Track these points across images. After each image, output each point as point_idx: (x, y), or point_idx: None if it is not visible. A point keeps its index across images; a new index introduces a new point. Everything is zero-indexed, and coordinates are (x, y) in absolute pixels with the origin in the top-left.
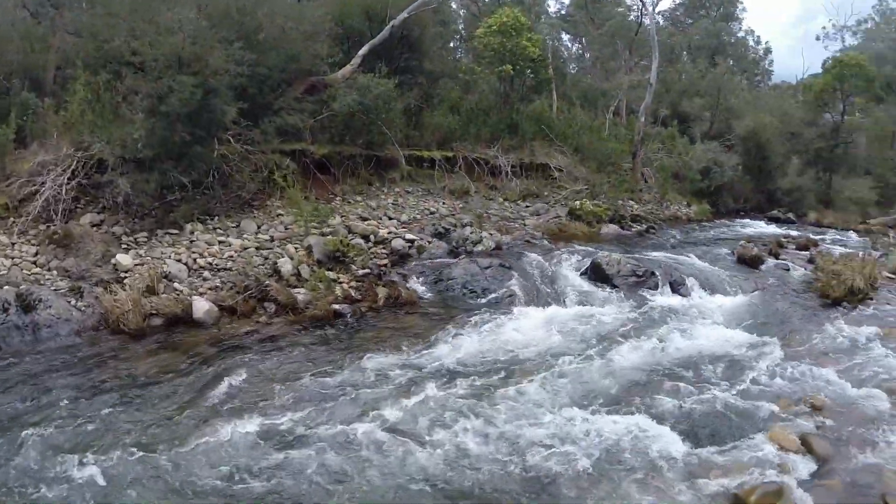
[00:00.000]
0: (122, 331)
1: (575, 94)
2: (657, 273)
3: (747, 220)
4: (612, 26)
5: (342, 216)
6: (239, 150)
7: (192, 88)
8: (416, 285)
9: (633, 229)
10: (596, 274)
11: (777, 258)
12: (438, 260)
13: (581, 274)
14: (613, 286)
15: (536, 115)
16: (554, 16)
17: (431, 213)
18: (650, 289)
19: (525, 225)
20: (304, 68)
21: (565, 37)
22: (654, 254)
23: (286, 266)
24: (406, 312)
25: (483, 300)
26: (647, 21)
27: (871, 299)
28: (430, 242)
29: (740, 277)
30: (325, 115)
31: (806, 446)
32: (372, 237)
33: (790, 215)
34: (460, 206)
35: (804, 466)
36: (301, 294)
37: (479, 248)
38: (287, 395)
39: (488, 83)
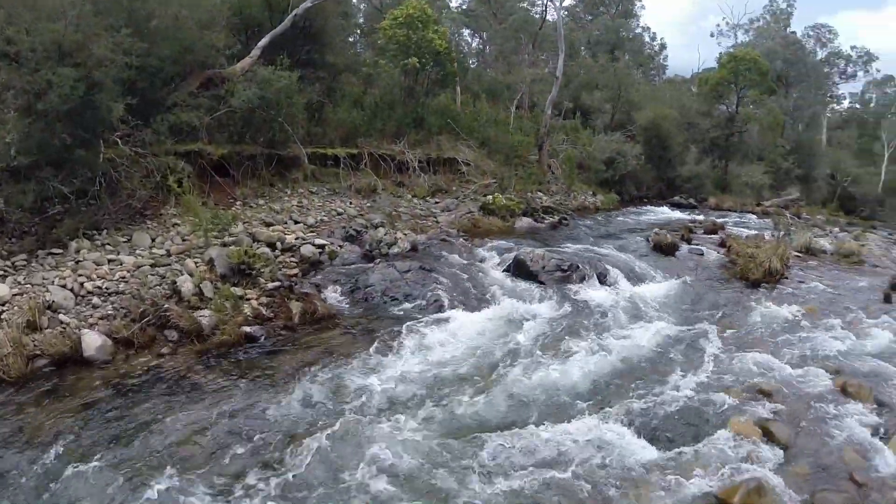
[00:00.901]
0: (2, 379)
1: (479, 87)
2: (582, 266)
3: (651, 207)
4: (515, 21)
5: (245, 222)
6: (128, 152)
7: (74, 82)
8: (333, 296)
9: (545, 221)
10: (520, 270)
11: (690, 243)
12: (353, 265)
13: (504, 271)
14: (540, 282)
15: (442, 109)
16: (455, 10)
17: (339, 214)
18: (577, 282)
19: (438, 222)
20: (199, 60)
21: (466, 32)
22: (573, 246)
23: (186, 285)
24: (325, 329)
25: (407, 307)
26: (552, 16)
27: (787, 278)
28: (341, 247)
29: (660, 265)
30: (222, 111)
31: (767, 434)
32: (279, 244)
33: (691, 201)
34: (368, 205)
35: (771, 454)
36: (206, 317)
37: (395, 249)
38: (193, 448)
39: (392, 77)
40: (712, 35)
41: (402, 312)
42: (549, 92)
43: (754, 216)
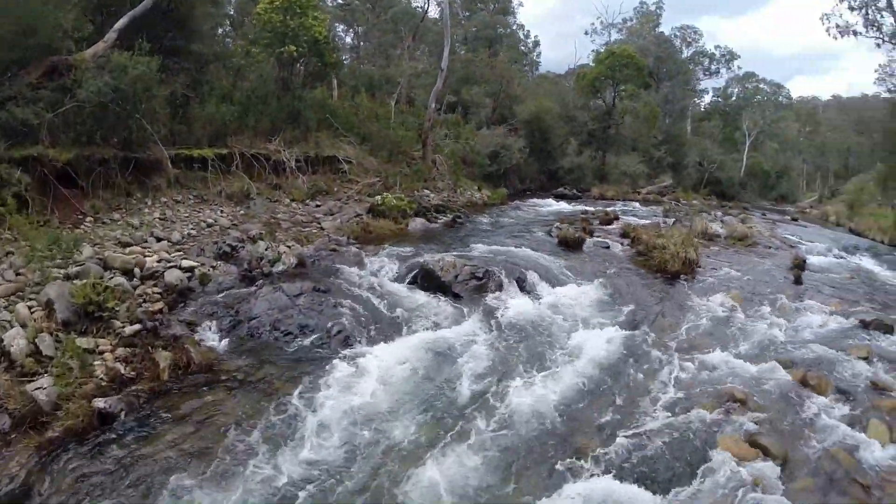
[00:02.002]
0: None
1: (358, 81)
2: (497, 272)
3: (537, 200)
4: (396, 13)
5: (96, 244)
6: None
7: None
8: (210, 336)
9: (439, 221)
10: (429, 282)
11: (592, 236)
12: (231, 291)
13: (410, 284)
14: (454, 295)
15: (320, 104)
16: (330, 4)
17: (209, 225)
18: (495, 292)
19: (323, 228)
20: (42, 44)
21: (340, 28)
22: (478, 247)
23: (18, 342)
24: (203, 386)
25: (305, 344)
26: (434, 10)
27: (700, 267)
28: (214, 268)
29: (573, 263)
30: (69, 105)
31: (762, 450)
32: (137, 271)
33: (575, 191)
34: (242, 212)
35: (772, 473)
36: (44, 389)
37: (280, 267)
38: None
39: (265, 68)
40: (587, 33)
41: (299, 351)
42: (430, 86)
43: (637, 204)
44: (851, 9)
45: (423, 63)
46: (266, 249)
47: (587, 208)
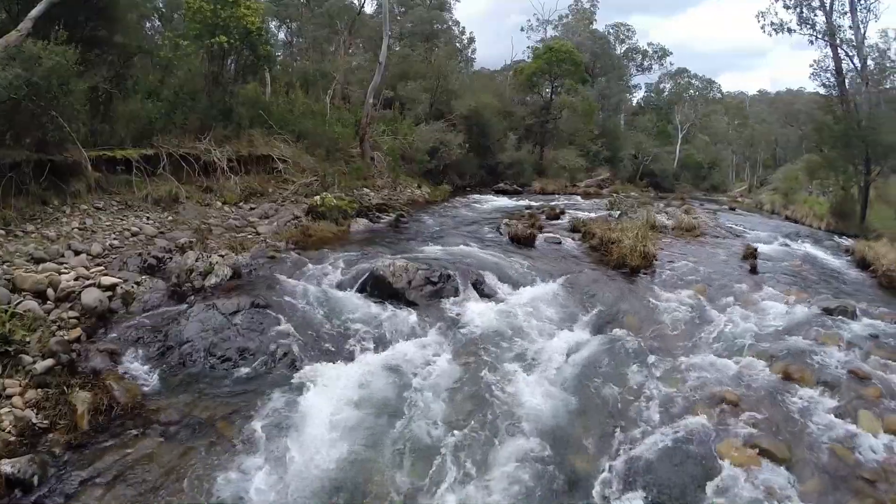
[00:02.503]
0: None
1: (294, 76)
2: (453, 275)
3: (479, 196)
4: (330, 7)
5: (5, 262)
6: None
7: None
8: (135, 368)
9: (382, 221)
10: (380, 290)
11: (541, 231)
12: (159, 311)
13: (359, 292)
14: (409, 303)
15: (253, 100)
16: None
17: (134, 234)
18: (452, 297)
19: (259, 234)
20: None
21: (273, 24)
22: (427, 248)
23: None
24: (131, 432)
25: (245, 371)
26: (369, 5)
27: (658, 260)
28: (139, 283)
29: (528, 261)
30: None
31: (764, 453)
32: (51, 292)
33: (516, 186)
34: (170, 218)
35: (781, 478)
36: None
37: (213, 280)
38: None
39: (193, 63)
40: (522, 30)
41: (240, 381)
42: (367, 81)
43: (579, 197)
44: (786, 7)
45: (358, 58)
46: (196, 260)
47: (530, 203)
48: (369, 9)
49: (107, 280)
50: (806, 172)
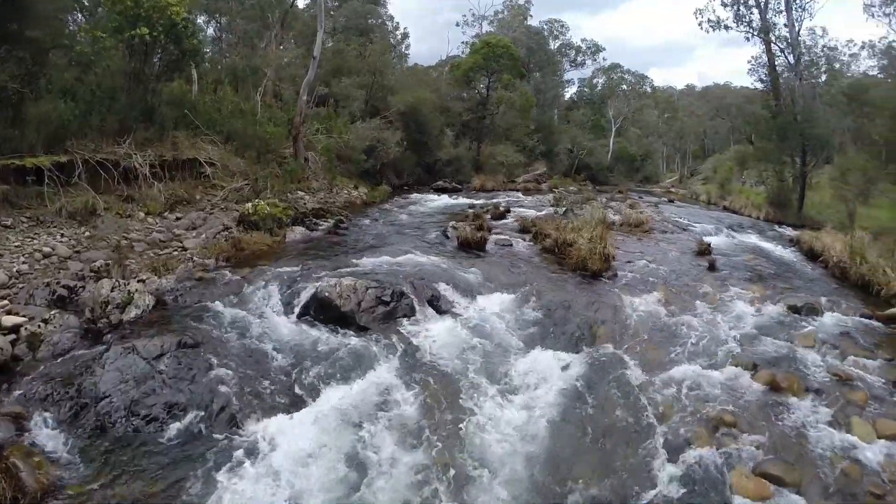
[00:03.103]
0: None
1: (222, 73)
2: (406, 290)
3: (418, 195)
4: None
5: None
6: None
7: None
8: (45, 436)
9: (320, 228)
10: (327, 314)
11: (490, 233)
12: (70, 355)
13: (303, 316)
14: (360, 328)
15: (178, 98)
16: None
17: (46, 256)
18: (408, 317)
19: (186, 249)
20: None
21: (200, 19)
22: (371, 259)
23: None
24: None
25: (175, 433)
26: None
27: (616, 260)
28: (47, 321)
29: (481, 267)
30: None
31: (775, 481)
32: None
33: (455, 184)
34: (87, 234)
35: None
36: None
37: (133, 312)
38: None
39: (113, 58)
40: (458, 25)
41: (170, 448)
42: (299, 77)
43: (520, 194)
44: (724, 5)
45: (291, 53)
46: (113, 290)
47: (473, 202)
48: (302, 2)
49: (9, 320)
50: (736, 162)
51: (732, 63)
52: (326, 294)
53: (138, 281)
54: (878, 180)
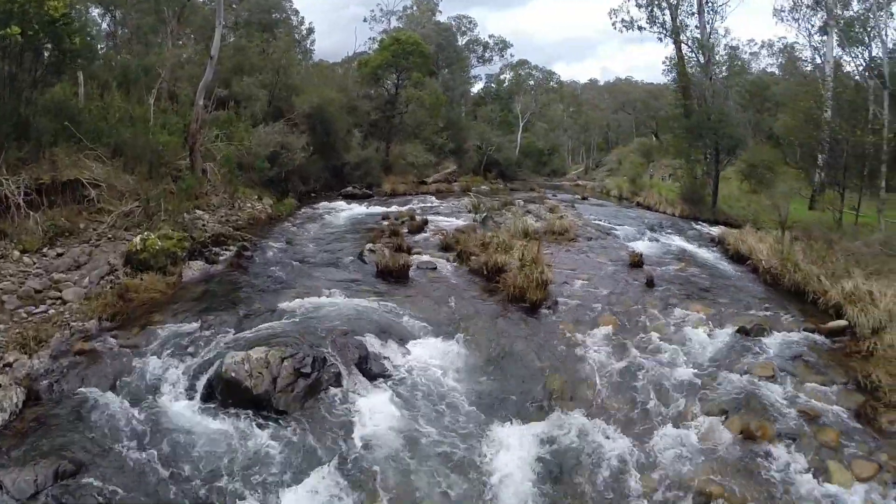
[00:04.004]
0: None
1: (112, 75)
2: (329, 355)
3: (327, 204)
4: None
5: None
6: None
7: None
8: None
9: (222, 259)
10: (236, 397)
11: (410, 254)
12: None
13: (207, 401)
14: (277, 413)
15: (58, 107)
16: None
17: None
18: (333, 388)
19: (66, 302)
20: None
21: (95, 12)
22: (285, 305)
23: None
24: None
25: None
26: None
27: (552, 282)
28: None
29: (408, 303)
30: None
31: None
32: None
33: (366, 190)
34: None
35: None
36: None
37: None
38: None
39: None
40: (365, 20)
41: None
42: (198, 78)
43: (433, 198)
44: (639, 6)
45: (189, 50)
46: None
47: (386, 210)
48: None
49: None
50: (640, 155)
51: (634, 59)
52: (233, 374)
53: (4, 365)
54: (780, 172)
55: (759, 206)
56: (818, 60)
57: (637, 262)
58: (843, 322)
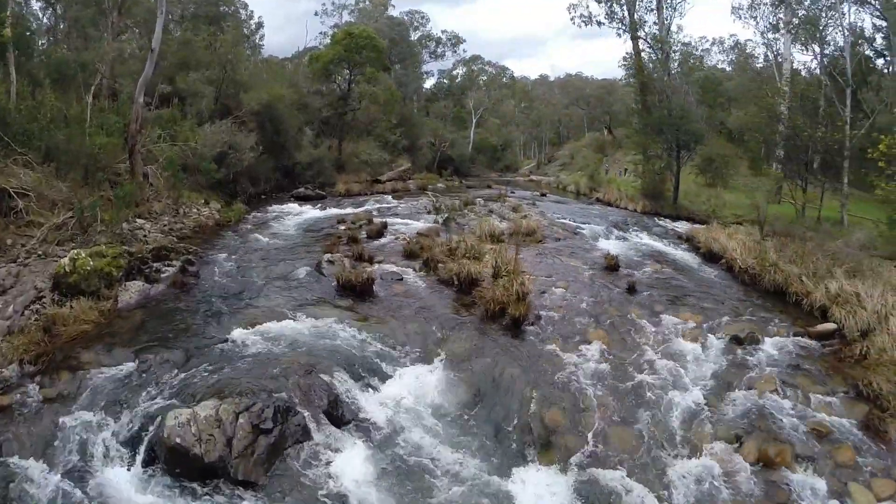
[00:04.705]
0: None
1: (44, 71)
2: (293, 402)
3: (278, 207)
4: None
5: None
6: None
7: None
8: None
9: (164, 276)
10: (184, 467)
11: (372, 264)
12: None
13: (149, 466)
14: (236, 482)
15: None
16: None
17: None
18: (301, 444)
19: None
20: None
21: (37, 5)
22: (238, 333)
23: None
24: None
25: None
26: None
27: (531, 292)
28: None
29: (375, 322)
30: None
31: None
32: None
33: (318, 191)
34: None
35: None
36: None
37: None
38: None
39: None
40: (316, 14)
41: None
42: (140, 73)
43: (389, 197)
44: (598, 1)
45: (132, 44)
46: None
47: (341, 212)
48: None
49: None
50: (593, 150)
51: (584, 55)
52: (178, 440)
53: None
54: (735, 164)
55: (717, 200)
56: (771, 57)
57: (613, 265)
58: (831, 325)
